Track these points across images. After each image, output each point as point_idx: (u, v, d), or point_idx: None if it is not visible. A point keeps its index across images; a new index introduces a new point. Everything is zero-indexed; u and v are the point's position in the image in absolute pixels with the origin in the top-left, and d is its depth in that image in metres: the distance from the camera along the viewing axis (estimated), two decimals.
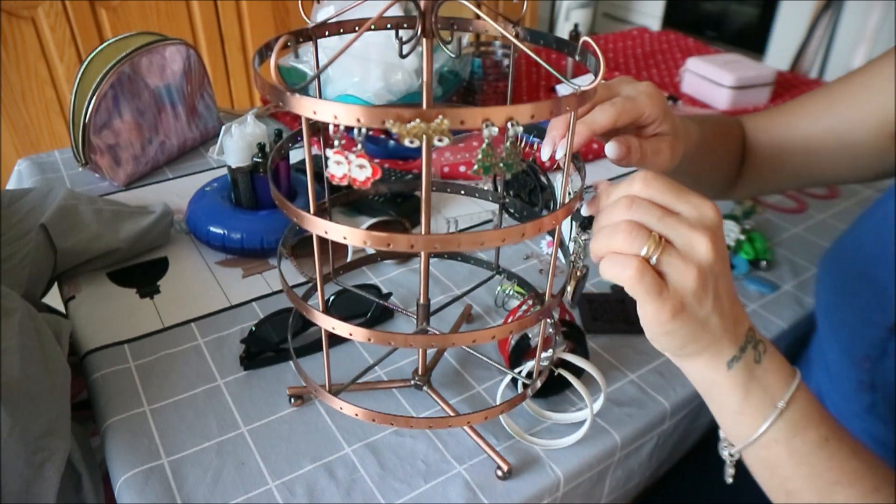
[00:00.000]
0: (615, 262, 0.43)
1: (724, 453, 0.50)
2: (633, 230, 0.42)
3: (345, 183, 0.39)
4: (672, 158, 0.58)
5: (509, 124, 0.37)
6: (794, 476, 0.46)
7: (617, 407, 0.64)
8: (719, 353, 0.46)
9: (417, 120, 0.35)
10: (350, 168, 0.39)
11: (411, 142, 0.36)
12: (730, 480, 0.51)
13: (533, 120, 0.38)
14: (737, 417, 0.47)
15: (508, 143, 0.39)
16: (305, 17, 0.47)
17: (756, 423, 0.46)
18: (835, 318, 0.68)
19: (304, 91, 0.38)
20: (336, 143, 0.38)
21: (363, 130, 0.37)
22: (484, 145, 0.39)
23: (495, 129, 0.37)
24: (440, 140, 0.36)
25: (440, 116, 0.35)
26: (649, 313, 0.43)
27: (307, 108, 0.38)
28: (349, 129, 0.38)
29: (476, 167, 0.40)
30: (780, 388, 0.46)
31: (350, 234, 0.42)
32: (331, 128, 0.38)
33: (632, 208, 0.43)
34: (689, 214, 0.43)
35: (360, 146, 0.38)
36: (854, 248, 0.66)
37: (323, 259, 0.49)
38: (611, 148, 0.53)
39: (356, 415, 0.53)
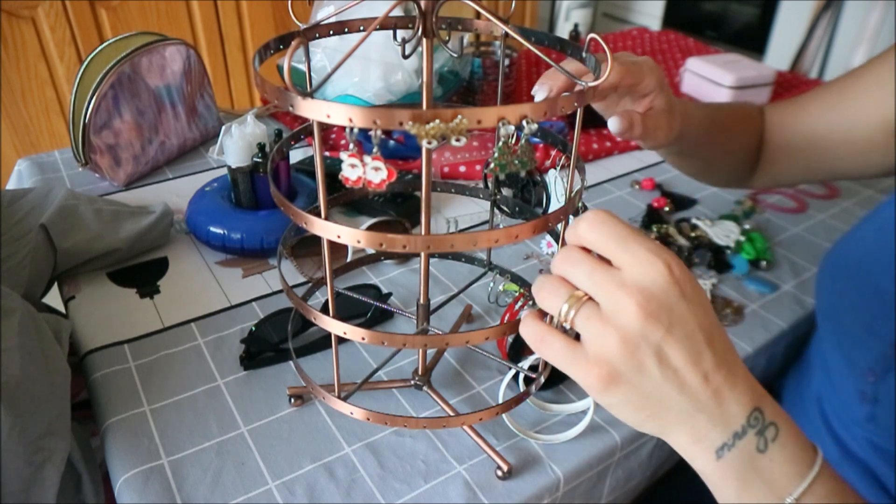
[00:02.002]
0: (524, 323, 0.40)
1: None
2: (554, 288, 0.39)
3: (359, 186, 0.39)
4: (668, 135, 0.61)
5: (524, 122, 0.37)
6: None
7: None
8: (701, 437, 0.39)
9: (437, 120, 0.35)
10: (365, 171, 0.38)
11: (429, 142, 0.36)
12: None
13: (546, 117, 0.38)
14: None
15: (524, 141, 0.39)
16: (296, 20, 0.47)
17: None
18: (836, 325, 0.67)
19: (312, 94, 0.38)
20: (352, 146, 0.38)
21: (378, 133, 0.36)
22: (500, 144, 0.39)
23: (511, 128, 0.37)
24: (457, 140, 0.36)
25: (459, 116, 0.35)
26: (579, 381, 0.39)
27: (320, 111, 0.37)
28: (361, 131, 0.37)
29: (492, 165, 0.40)
30: (791, 481, 0.38)
31: (344, 234, 0.42)
32: (347, 132, 0.37)
33: (564, 260, 0.39)
34: (628, 270, 0.37)
35: (376, 149, 0.37)
36: (856, 253, 0.66)
37: (322, 260, 0.49)
38: (614, 122, 0.56)
39: (351, 413, 0.53)
